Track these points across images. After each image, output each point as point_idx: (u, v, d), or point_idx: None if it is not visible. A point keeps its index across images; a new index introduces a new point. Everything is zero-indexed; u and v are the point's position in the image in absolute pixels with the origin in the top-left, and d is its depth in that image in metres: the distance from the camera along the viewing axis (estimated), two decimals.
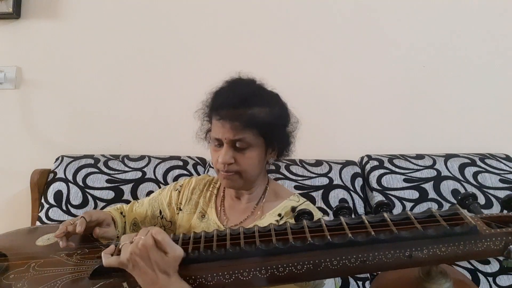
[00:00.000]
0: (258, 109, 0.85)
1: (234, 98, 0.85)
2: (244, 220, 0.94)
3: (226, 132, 0.84)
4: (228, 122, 0.84)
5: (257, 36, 1.63)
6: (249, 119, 0.84)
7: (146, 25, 1.67)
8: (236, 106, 0.84)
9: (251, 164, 0.88)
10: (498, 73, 1.55)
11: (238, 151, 0.86)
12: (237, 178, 0.89)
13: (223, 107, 0.86)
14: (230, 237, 0.65)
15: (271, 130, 0.87)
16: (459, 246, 0.56)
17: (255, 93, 0.88)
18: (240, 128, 0.84)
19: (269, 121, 0.86)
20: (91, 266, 0.69)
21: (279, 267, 0.59)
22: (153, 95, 1.66)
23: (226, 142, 0.85)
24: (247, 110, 0.84)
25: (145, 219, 1.05)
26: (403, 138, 1.56)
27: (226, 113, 0.85)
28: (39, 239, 0.84)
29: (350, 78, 1.59)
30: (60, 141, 1.68)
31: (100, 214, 0.89)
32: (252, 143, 0.86)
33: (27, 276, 0.69)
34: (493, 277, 1.21)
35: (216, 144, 0.89)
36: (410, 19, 1.58)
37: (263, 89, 0.92)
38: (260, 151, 0.88)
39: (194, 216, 0.99)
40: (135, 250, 0.61)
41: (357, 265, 0.58)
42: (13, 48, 1.71)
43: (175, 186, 1.06)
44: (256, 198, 0.97)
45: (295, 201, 0.95)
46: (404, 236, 0.57)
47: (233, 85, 0.90)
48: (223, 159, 0.85)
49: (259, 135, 0.86)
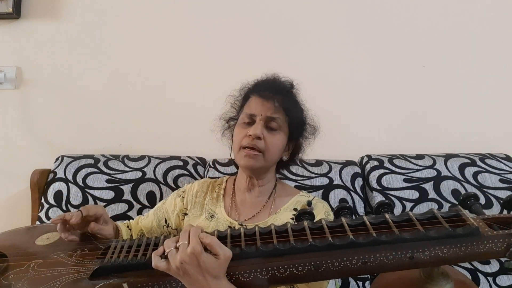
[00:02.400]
0: (295, 102, 0.98)
1: (279, 85, 0.97)
2: (257, 214, 0.97)
3: (264, 109, 0.92)
4: (269, 101, 0.92)
5: (257, 36, 1.63)
6: (288, 105, 0.93)
7: (146, 25, 1.67)
8: (279, 91, 0.94)
9: (276, 145, 0.93)
10: (498, 73, 1.55)
11: (268, 131, 0.92)
12: (259, 158, 0.92)
13: (266, 89, 0.94)
14: (231, 239, 0.65)
15: (299, 126, 0.97)
16: (460, 248, 0.56)
17: (295, 90, 1.00)
18: (279, 109, 0.92)
19: (301, 117, 0.98)
20: (91, 267, 0.69)
21: (280, 268, 0.59)
22: (154, 95, 1.66)
23: (261, 118, 0.91)
24: (288, 98, 0.95)
25: (151, 230, 1.06)
26: (403, 138, 1.56)
27: (268, 93, 0.93)
28: (38, 239, 0.84)
29: (350, 78, 1.59)
30: (60, 141, 1.67)
31: (98, 210, 0.87)
32: (282, 128, 0.93)
33: (27, 277, 0.69)
34: (493, 277, 1.21)
35: (246, 122, 0.94)
36: (410, 19, 1.58)
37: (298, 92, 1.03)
38: (284, 139, 0.95)
39: (202, 217, 1.00)
40: (184, 259, 0.59)
41: (358, 266, 0.58)
42: (13, 48, 1.70)
43: (178, 193, 1.08)
44: (267, 192, 1.00)
45: (306, 197, 1.00)
46: (406, 238, 0.57)
47: (277, 77, 1.00)
48: (254, 131, 0.90)
49: (289, 124, 0.94)
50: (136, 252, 0.70)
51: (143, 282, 0.64)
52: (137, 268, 0.66)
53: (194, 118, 1.61)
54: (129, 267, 0.67)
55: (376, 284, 0.84)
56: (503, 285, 1.20)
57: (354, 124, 1.59)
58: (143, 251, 0.69)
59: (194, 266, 0.59)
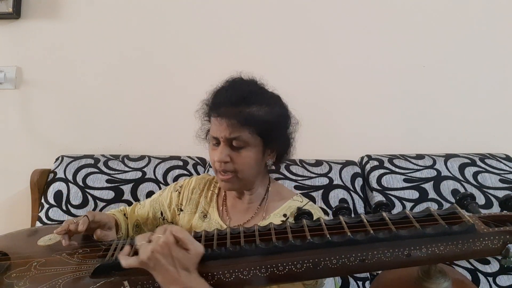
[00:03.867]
0: (256, 107, 0.84)
1: (232, 96, 0.84)
2: (248, 221, 0.93)
3: (222, 130, 0.84)
4: (225, 120, 0.83)
5: (257, 36, 1.63)
6: (246, 117, 0.82)
7: (146, 25, 1.67)
8: (233, 104, 0.83)
9: (246, 163, 0.86)
10: (498, 73, 1.55)
11: (234, 150, 0.85)
12: (235, 180, 0.88)
13: (221, 105, 0.85)
14: (230, 236, 0.65)
15: (269, 130, 0.86)
16: (457, 245, 0.57)
17: (254, 92, 0.87)
18: (237, 126, 0.82)
19: (267, 121, 0.85)
20: (92, 265, 0.69)
21: (278, 265, 0.60)
22: (153, 95, 1.66)
23: (223, 140, 0.85)
24: (245, 108, 0.83)
25: (147, 221, 1.04)
26: (403, 138, 1.57)
27: (223, 110, 0.84)
28: (40, 240, 0.84)
29: (350, 78, 1.59)
30: (60, 141, 1.68)
31: (103, 217, 0.88)
32: (249, 142, 0.85)
33: (29, 275, 0.69)
34: (493, 277, 1.21)
35: (214, 143, 0.88)
36: (410, 19, 1.58)
37: (263, 89, 0.92)
38: (257, 151, 0.87)
39: (196, 216, 0.98)
40: (156, 248, 0.61)
41: (356, 264, 0.58)
42: (13, 48, 1.70)
43: (175, 187, 1.06)
44: (259, 198, 0.96)
45: (298, 201, 0.95)
46: (403, 235, 0.58)
47: (232, 84, 0.90)
48: (218, 157, 0.85)
49: (256, 134, 0.85)
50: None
51: (143, 279, 0.64)
52: None
53: (194, 118, 1.61)
54: None
55: (376, 284, 0.84)
56: (503, 285, 1.20)
57: (354, 124, 1.59)
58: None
59: (166, 256, 0.60)
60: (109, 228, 0.89)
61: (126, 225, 1.03)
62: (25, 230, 0.95)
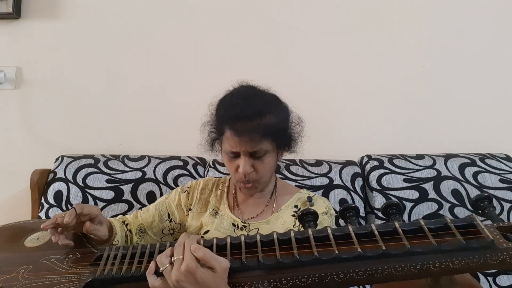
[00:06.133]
0: (269, 116, 0.87)
1: (248, 110, 0.86)
2: (260, 213, 1.00)
3: (243, 144, 0.87)
4: (246, 135, 0.85)
5: (257, 37, 1.63)
6: (264, 130, 0.86)
7: (146, 25, 1.67)
8: (250, 118, 0.85)
9: (267, 169, 0.93)
10: (498, 73, 1.55)
11: (256, 159, 0.90)
12: (257, 186, 0.95)
13: (237, 120, 0.86)
14: (231, 247, 0.63)
15: (282, 134, 0.92)
16: (473, 260, 0.53)
17: (265, 102, 0.90)
18: (257, 139, 0.86)
19: (280, 127, 0.90)
20: (83, 274, 0.67)
21: (282, 280, 0.57)
22: (153, 95, 1.66)
23: (245, 154, 0.88)
24: (261, 120, 0.86)
25: (152, 224, 1.05)
26: (403, 138, 1.56)
27: (240, 126, 0.85)
28: (28, 239, 0.80)
29: (350, 78, 1.59)
30: (60, 141, 1.67)
31: (93, 209, 0.84)
32: (268, 150, 0.90)
33: (17, 286, 0.66)
34: (493, 277, 1.21)
35: (232, 156, 0.91)
36: (410, 19, 1.58)
37: (266, 94, 0.94)
38: (274, 154, 0.93)
39: (206, 214, 1.02)
40: (180, 278, 0.57)
41: (364, 277, 0.55)
42: (13, 48, 1.70)
43: (182, 188, 1.09)
44: (268, 192, 1.03)
45: (306, 193, 1.02)
46: (417, 252, 0.54)
47: (242, 96, 0.90)
48: (244, 170, 0.89)
49: (272, 141, 0.90)
50: (130, 263, 0.66)
51: None
52: (132, 280, 0.63)
53: (194, 118, 1.61)
54: (123, 279, 0.64)
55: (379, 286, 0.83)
56: (503, 285, 1.21)
57: (354, 124, 1.59)
58: (137, 261, 0.66)
59: (192, 283, 0.57)
60: (99, 222, 0.86)
61: (125, 232, 1.02)
62: (10, 225, 0.89)
